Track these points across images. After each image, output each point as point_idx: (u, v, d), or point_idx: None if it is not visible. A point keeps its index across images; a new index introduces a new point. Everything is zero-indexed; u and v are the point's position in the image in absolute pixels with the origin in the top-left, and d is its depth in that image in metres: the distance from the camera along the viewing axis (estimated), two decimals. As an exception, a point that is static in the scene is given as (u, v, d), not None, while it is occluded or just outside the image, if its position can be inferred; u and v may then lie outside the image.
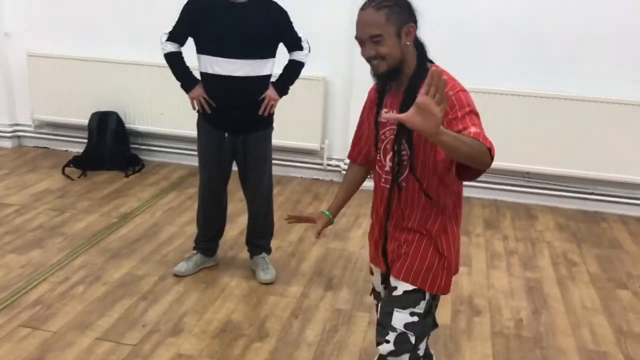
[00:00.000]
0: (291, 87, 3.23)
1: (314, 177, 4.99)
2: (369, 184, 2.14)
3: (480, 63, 4.45)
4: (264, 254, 3.38)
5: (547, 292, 3.35)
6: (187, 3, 3.00)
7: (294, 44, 3.13)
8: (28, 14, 5.15)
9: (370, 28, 1.80)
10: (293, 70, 3.18)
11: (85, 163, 4.88)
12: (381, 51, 1.82)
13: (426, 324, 1.98)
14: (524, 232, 4.12)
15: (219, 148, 3.12)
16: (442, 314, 3.07)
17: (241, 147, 3.12)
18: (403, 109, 1.77)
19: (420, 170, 1.90)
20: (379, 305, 2.10)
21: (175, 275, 3.28)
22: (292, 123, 4.72)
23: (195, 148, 3.27)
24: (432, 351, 2.37)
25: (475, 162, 1.69)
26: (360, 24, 1.83)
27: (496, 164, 4.94)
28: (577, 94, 4.33)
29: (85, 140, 5.06)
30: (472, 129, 1.71)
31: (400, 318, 1.93)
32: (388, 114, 1.89)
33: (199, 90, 3.05)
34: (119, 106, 5.03)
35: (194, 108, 3.12)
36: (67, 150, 5.32)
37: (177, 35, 3.03)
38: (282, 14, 3.04)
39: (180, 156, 5.11)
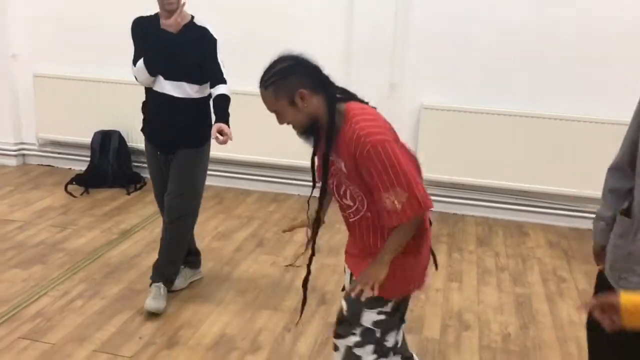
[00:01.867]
0: None
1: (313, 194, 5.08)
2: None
3: (475, 84, 4.58)
4: (160, 284, 3.23)
5: (536, 307, 3.43)
6: (131, 25, 3.13)
7: (217, 75, 3.10)
8: (34, 37, 5.31)
9: (268, 105, 1.97)
10: (223, 105, 3.06)
11: (87, 181, 5.00)
12: (285, 121, 1.98)
13: (393, 321, 2.09)
14: (515, 249, 4.20)
15: (157, 165, 3.25)
16: (432, 328, 3.16)
17: (168, 164, 3.19)
18: (325, 158, 1.97)
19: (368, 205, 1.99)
20: (345, 300, 2.15)
21: (169, 291, 3.36)
22: (290, 141, 4.83)
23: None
24: (413, 353, 2.44)
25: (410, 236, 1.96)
26: (263, 101, 1.97)
27: (489, 182, 5.04)
28: (567, 113, 4.44)
29: (88, 159, 5.19)
30: (387, 203, 1.86)
31: (369, 317, 2.05)
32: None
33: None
34: (121, 125, 5.17)
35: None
36: (70, 169, 5.44)
37: (138, 58, 3.10)
38: (210, 41, 3.09)
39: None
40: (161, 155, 3.21)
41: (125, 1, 4.69)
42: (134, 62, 3.12)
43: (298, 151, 4.86)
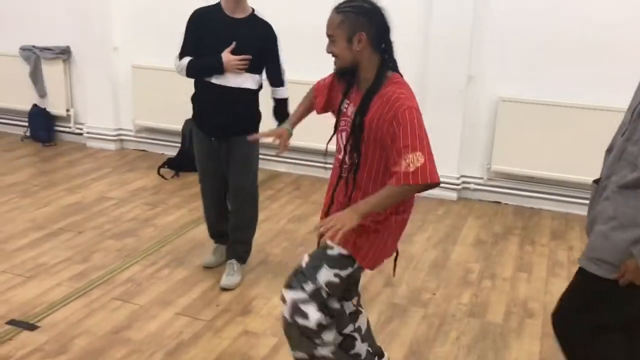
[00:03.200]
0: None
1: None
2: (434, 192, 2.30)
3: (555, 77, 4.54)
4: (234, 261, 3.47)
5: (606, 301, 3.39)
6: (190, 16, 3.32)
7: (277, 76, 3.33)
8: (134, 31, 5.75)
9: (328, 27, 2.06)
10: (283, 108, 3.38)
11: (178, 165, 5.36)
12: (333, 50, 2.08)
13: (340, 288, 2.19)
14: (591, 244, 4.14)
15: (209, 152, 3.38)
16: (495, 313, 3.22)
17: (225, 149, 3.34)
18: (360, 109, 2.07)
19: (367, 171, 2.13)
20: (309, 255, 2.24)
21: (205, 267, 3.59)
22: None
23: (273, 152, 3.54)
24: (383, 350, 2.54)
25: (403, 200, 2.08)
26: (327, 23, 2.07)
27: (568, 176, 4.96)
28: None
29: (179, 144, 5.56)
30: (409, 159, 1.94)
31: (325, 275, 2.14)
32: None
33: (226, 55, 3.15)
34: (209, 114, 5.50)
35: (237, 67, 3.20)
36: (162, 153, 5.85)
37: (185, 52, 3.31)
38: (273, 36, 3.28)
39: (262, 161, 5.47)
40: (215, 142, 3.33)
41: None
42: (181, 56, 3.30)
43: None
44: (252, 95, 3.33)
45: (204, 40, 3.24)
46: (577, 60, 4.48)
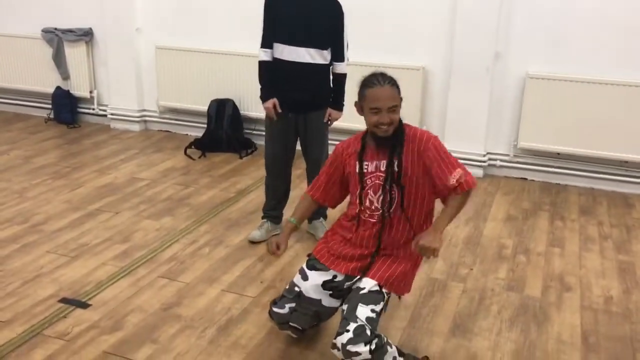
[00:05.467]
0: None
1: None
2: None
3: (582, 53, 4.54)
4: (321, 219, 3.79)
5: (640, 274, 3.46)
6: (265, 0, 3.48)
7: (338, 51, 3.48)
8: (157, 11, 5.76)
9: (391, 99, 2.38)
10: (340, 84, 3.56)
11: (204, 145, 5.41)
12: (394, 118, 2.40)
13: (378, 321, 2.36)
14: (620, 219, 4.20)
15: (283, 126, 3.55)
16: (533, 287, 3.28)
17: (302, 123, 3.54)
18: (390, 162, 2.44)
19: (412, 207, 2.48)
20: (346, 302, 2.42)
21: (251, 242, 3.69)
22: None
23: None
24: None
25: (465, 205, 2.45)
26: (383, 97, 2.36)
27: (594, 152, 5.00)
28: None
29: (204, 125, 5.60)
30: (456, 174, 2.36)
31: (363, 312, 2.31)
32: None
33: (272, 102, 3.50)
34: (235, 94, 5.54)
35: (267, 117, 3.59)
36: (187, 134, 5.89)
37: (267, 37, 3.47)
38: (341, 13, 3.42)
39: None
40: (292, 116, 3.53)
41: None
42: (262, 42, 3.46)
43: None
44: (325, 70, 3.50)
45: (279, 16, 3.41)
46: (604, 36, 4.48)
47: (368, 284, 2.40)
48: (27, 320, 2.88)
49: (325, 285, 2.54)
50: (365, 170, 2.49)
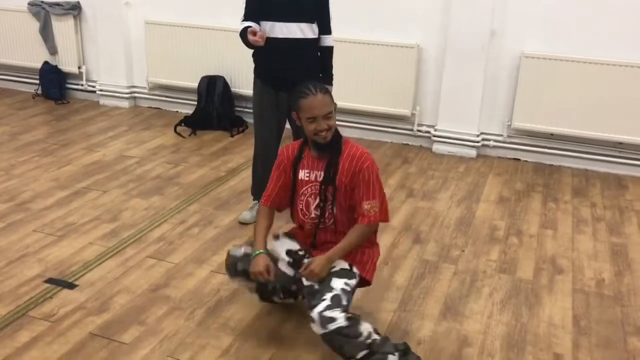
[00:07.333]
0: (383, 53, 3.49)
1: (404, 142, 5.20)
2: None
3: (579, 33, 4.48)
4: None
5: (632, 257, 3.44)
6: None
7: (325, 24, 3.44)
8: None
9: (324, 107, 2.43)
10: (328, 58, 3.50)
11: (194, 123, 5.34)
12: (331, 125, 2.46)
13: (351, 301, 2.42)
14: (613, 201, 4.18)
15: (272, 105, 3.48)
16: (525, 270, 3.26)
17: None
18: (327, 172, 2.51)
19: (340, 216, 2.56)
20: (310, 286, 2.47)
21: (241, 223, 3.65)
22: (384, 90, 4.95)
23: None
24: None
25: (366, 239, 2.54)
26: (318, 106, 2.42)
27: (588, 133, 4.97)
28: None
29: (194, 102, 5.52)
30: (370, 203, 2.47)
31: (338, 283, 2.39)
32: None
33: (251, 31, 3.24)
34: (226, 71, 5.44)
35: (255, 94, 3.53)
36: (177, 111, 5.81)
37: (249, 14, 3.37)
38: None
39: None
40: (283, 94, 3.42)
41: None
42: (244, 18, 3.35)
43: (393, 99, 5.00)
44: (315, 44, 3.43)
45: None
46: (601, 16, 4.41)
47: (339, 264, 2.50)
48: (13, 301, 2.83)
49: (289, 253, 2.63)
50: (306, 178, 2.57)
